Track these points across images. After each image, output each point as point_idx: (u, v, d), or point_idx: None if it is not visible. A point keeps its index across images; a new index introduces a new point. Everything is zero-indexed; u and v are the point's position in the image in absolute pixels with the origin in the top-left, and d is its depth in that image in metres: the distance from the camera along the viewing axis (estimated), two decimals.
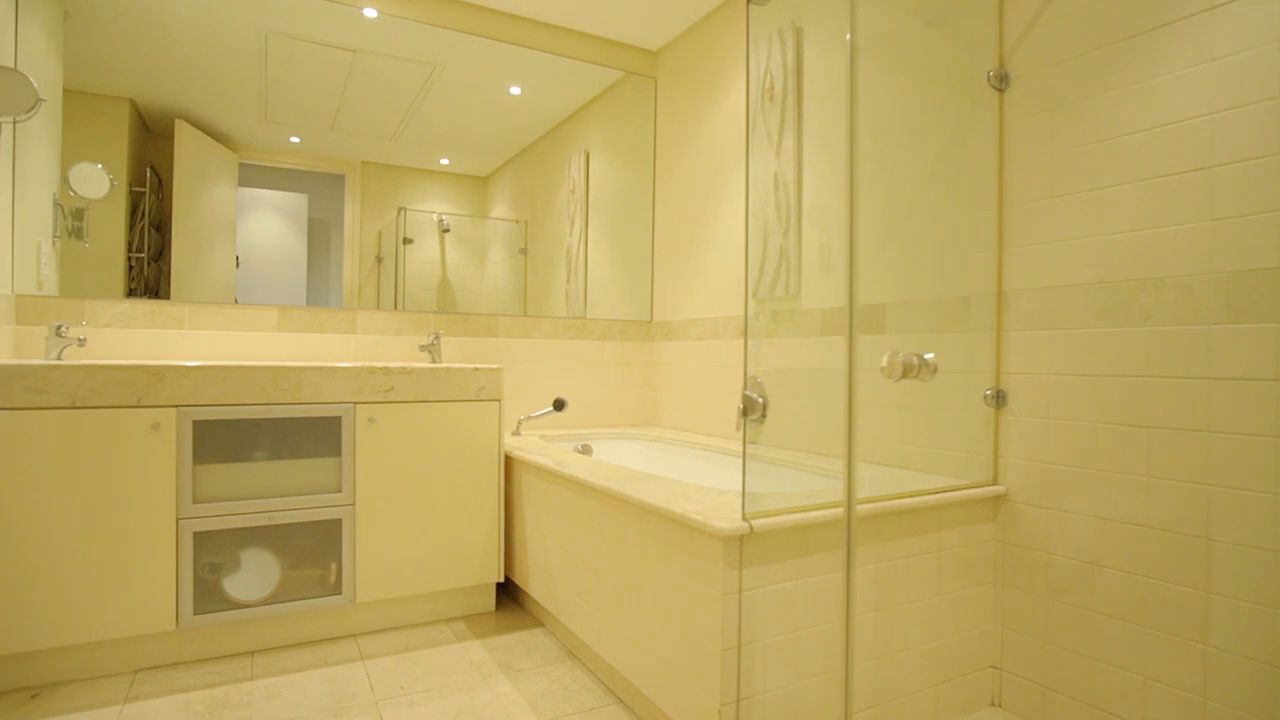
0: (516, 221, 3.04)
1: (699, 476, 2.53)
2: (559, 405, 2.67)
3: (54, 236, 2.20)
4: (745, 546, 1.34)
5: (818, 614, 1.46)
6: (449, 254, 2.90)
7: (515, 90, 2.97)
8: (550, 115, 3.06)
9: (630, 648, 1.65)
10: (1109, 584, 1.53)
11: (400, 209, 2.81)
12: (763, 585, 1.37)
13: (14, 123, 1.89)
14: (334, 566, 2.04)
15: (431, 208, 2.84)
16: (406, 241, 2.83)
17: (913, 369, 1.23)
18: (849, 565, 1.24)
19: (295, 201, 2.61)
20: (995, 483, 1.76)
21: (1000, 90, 1.77)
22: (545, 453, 2.26)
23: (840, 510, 1.41)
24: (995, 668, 1.75)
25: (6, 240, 2.06)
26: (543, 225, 3.08)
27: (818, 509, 1.42)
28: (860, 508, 1.51)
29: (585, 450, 2.73)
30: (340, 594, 2.04)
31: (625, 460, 2.84)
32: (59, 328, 2.04)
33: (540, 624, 2.22)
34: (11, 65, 2.06)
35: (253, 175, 2.52)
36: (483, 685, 1.81)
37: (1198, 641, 1.39)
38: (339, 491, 2.04)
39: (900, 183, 2.00)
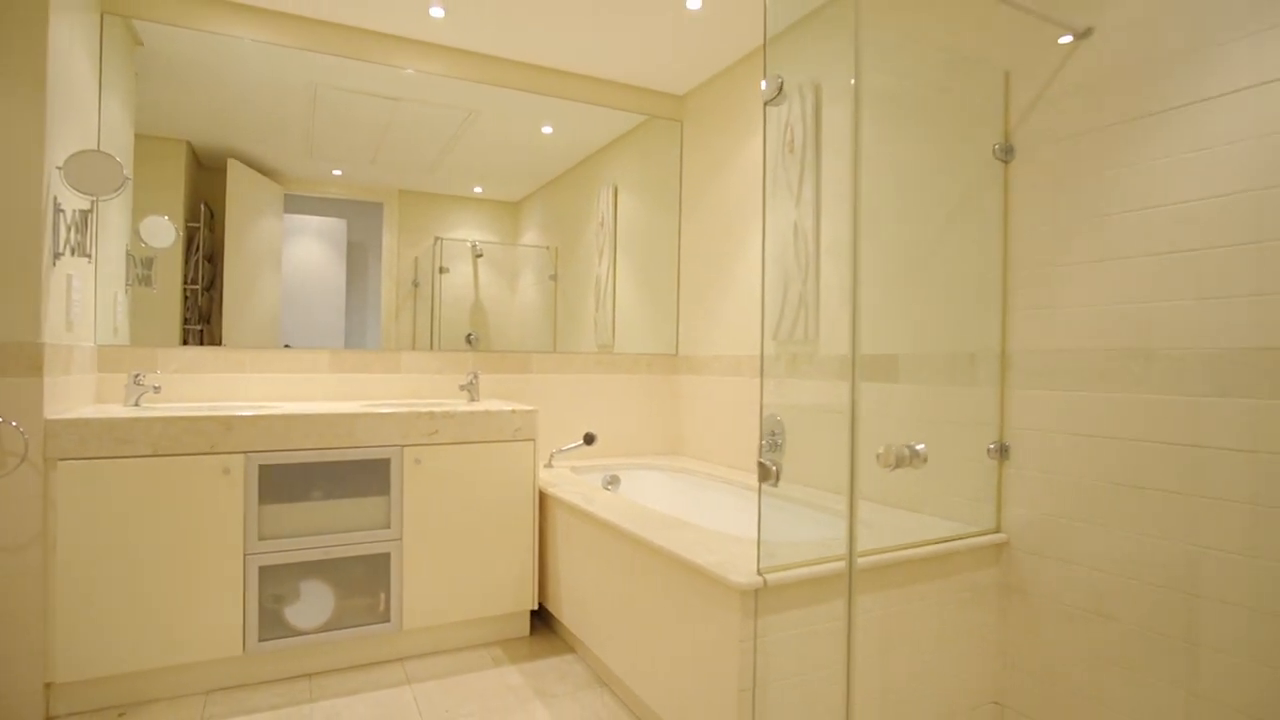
0: (547, 248, 3.19)
1: (721, 512, 2.66)
2: (589, 439, 2.82)
3: (126, 285, 2.41)
4: (760, 598, 1.48)
5: (828, 656, 1.59)
6: (482, 278, 3.06)
7: (547, 129, 3.13)
8: (581, 150, 3.22)
9: (656, 680, 1.79)
10: (1102, 629, 1.64)
11: (437, 238, 2.97)
12: (777, 632, 1.51)
13: (102, 200, 2.09)
14: (383, 596, 2.22)
15: (465, 234, 3.00)
16: (442, 270, 3.00)
17: (905, 460, 1.36)
18: (850, 617, 1.37)
19: (335, 226, 2.79)
20: (998, 530, 1.88)
21: (1005, 162, 1.88)
22: (576, 488, 2.41)
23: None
24: (997, 704, 1.87)
25: (90, 297, 2.27)
26: (573, 253, 3.23)
27: (828, 561, 1.55)
28: (869, 559, 1.63)
29: (613, 482, 2.88)
30: (389, 621, 2.22)
31: (651, 493, 2.98)
32: (137, 376, 2.24)
33: (572, 650, 2.38)
34: (95, 137, 2.27)
35: (296, 204, 2.71)
36: (519, 710, 1.97)
37: (1181, 688, 1.49)
38: (388, 528, 2.21)
39: (915, 240, 2.12)
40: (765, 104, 1.43)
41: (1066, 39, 1.72)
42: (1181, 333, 1.51)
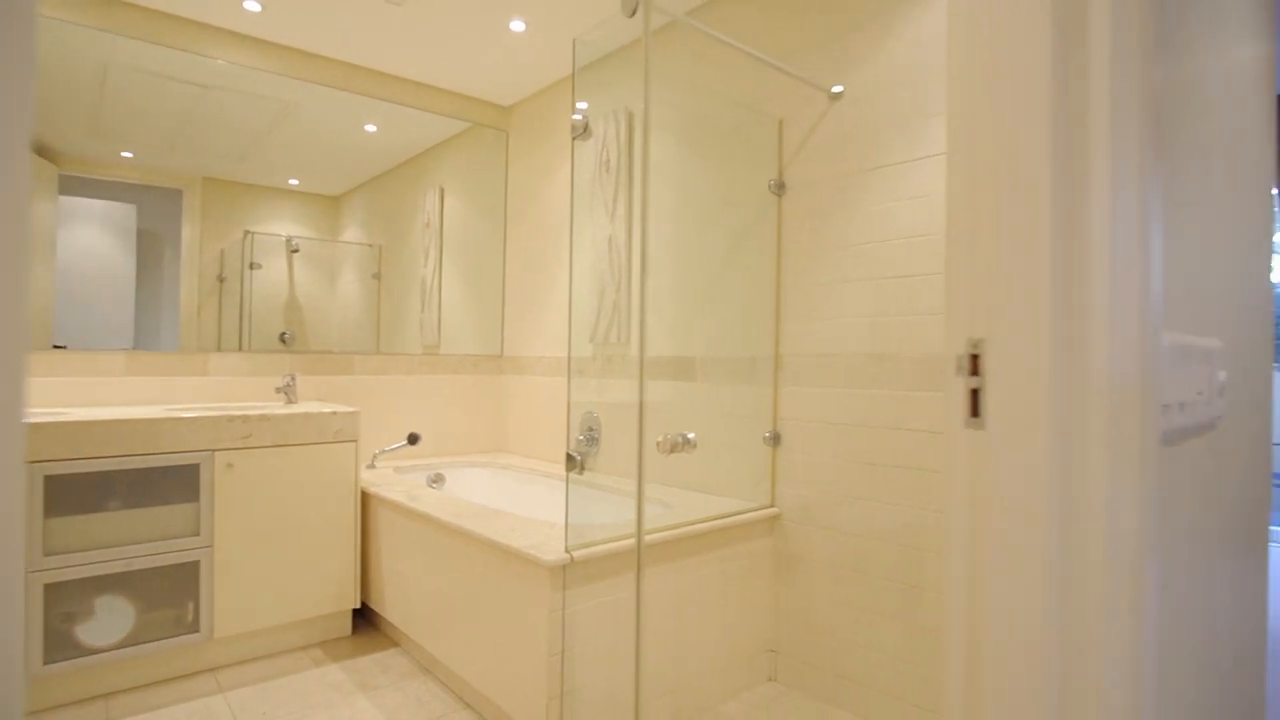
0: (370, 245, 3.15)
1: (541, 502, 2.85)
2: (413, 439, 2.88)
3: None
4: (567, 573, 1.68)
5: (627, 620, 1.83)
6: (298, 275, 2.95)
7: (370, 128, 3.12)
8: (406, 150, 3.22)
9: (476, 659, 1.94)
10: (856, 584, 2.03)
11: (247, 232, 2.81)
12: (582, 602, 1.72)
13: None
14: (191, 606, 2.15)
15: (280, 227, 2.86)
16: (253, 267, 2.86)
17: (679, 446, 1.63)
18: (638, 583, 1.61)
19: (122, 212, 2.52)
20: (772, 505, 2.23)
21: (778, 196, 2.24)
22: (400, 487, 2.48)
23: (645, 538, 1.78)
24: (772, 651, 2.22)
25: None
26: (398, 252, 3.23)
27: (627, 538, 1.79)
28: (662, 534, 1.89)
29: (438, 480, 2.96)
30: (198, 631, 2.16)
31: (476, 489, 3.09)
32: None
33: (396, 644, 2.44)
34: None
35: (73, 185, 2.42)
36: (342, 704, 2.02)
37: (905, 622, 1.90)
38: (197, 535, 2.15)
39: (711, 257, 2.43)
40: (573, 139, 1.62)
41: (839, 89, 2.07)
42: (899, 341, 1.91)
